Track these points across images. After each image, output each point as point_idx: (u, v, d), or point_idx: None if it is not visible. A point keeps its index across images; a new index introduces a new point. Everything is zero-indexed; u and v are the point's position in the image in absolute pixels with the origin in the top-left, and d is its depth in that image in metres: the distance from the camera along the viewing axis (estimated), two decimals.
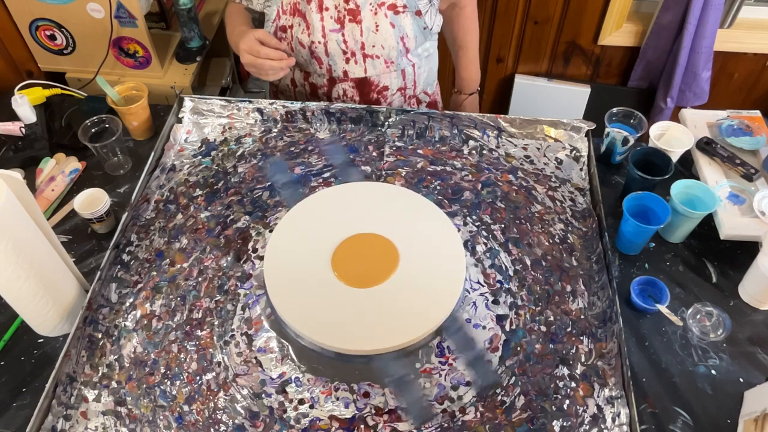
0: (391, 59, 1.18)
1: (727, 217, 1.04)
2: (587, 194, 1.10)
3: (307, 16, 1.13)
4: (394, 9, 1.13)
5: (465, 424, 0.83)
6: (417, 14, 1.15)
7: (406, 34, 1.16)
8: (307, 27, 1.13)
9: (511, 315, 0.94)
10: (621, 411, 0.83)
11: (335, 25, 1.13)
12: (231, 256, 1.00)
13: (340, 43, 1.14)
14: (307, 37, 1.14)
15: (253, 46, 1.07)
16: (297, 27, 1.15)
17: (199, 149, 1.18)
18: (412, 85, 1.27)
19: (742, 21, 1.85)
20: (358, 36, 1.14)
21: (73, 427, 0.83)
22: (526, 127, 1.18)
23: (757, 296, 0.98)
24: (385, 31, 1.14)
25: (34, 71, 1.53)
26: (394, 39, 1.15)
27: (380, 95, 1.25)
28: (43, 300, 0.88)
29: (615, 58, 2.00)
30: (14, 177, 0.81)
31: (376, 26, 1.13)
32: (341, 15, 1.12)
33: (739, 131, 1.16)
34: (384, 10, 1.12)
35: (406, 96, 1.29)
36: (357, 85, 1.22)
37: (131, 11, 1.35)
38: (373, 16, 1.12)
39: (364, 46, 1.15)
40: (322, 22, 1.12)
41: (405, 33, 1.16)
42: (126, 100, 1.21)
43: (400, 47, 1.17)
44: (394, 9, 1.13)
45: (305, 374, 0.87)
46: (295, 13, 1.14)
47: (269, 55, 1.07)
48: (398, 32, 1.15)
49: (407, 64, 1.22)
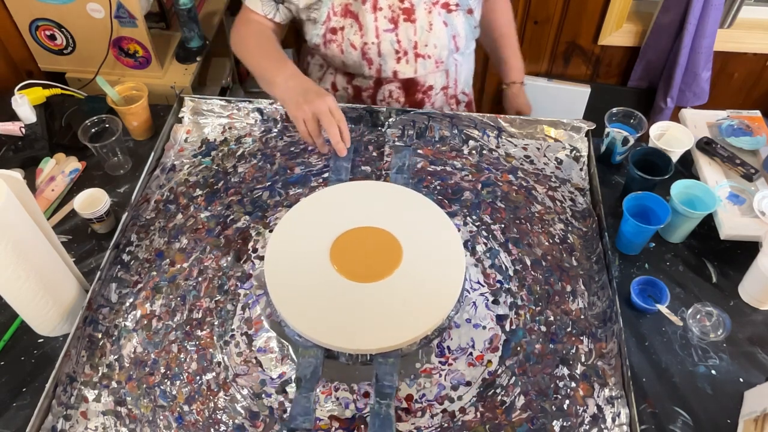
0: (442, 59, 1.18)
1: (727, 217, 1.04)
2: (587, 194, 1.10)
3: (360, 17, 1.11)
4: (447, 7, 1.12)
5: (465, 424, 0.83)
6: (468, 12, 1.15)
7: (458, 33, 1.15)
8: (359, 28, 1.11)
9: (511, 315, 0.94)
10: (621, 411, 0.83)
11: (389, 25, 1.11)
12: (231, 256, 1.00)
13: (393, 43, 1.13)
14: (359, 38, 1.12)
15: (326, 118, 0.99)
16: (349, 29, 1.12)
17: (199, 149, 1.18)
18: (454, 84, 1.27)
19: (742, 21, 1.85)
20: (412, 35, 1.12)
21: (73, 427, 0.83)
22: (526, 127, 1.18)
23: (757, 296, 0.98)
24: (438, 30, 1.13)
25: (34, 71, 1.53)
26: (446, 38, 1.14)
27: (425, 95, 1.24)
28: (43, 300, 0.88)
29: (615, 58, 2.01)
30: (14, 177, 0.81)
31: (429, 25, 1.12)
32: (395, 14, 1.10)
33: (739, 131, 1.16)
34: (438, 9, 1.11)
35: (448, 95, 1.28)
36: (404, 85, 1.21)
37: (131, 11, 1.35)
38: (427, 14, 1.11)
39: (417, 46, 1.14)
40: (375, 23, 1.11)
41: (457, 32, 1.15)
42: (126, 100, 1.21)
43: (451, 46, 1.16)
44: (447, 7, 1.12)
45: None
46: (347, 14, 1.11)
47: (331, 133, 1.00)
48: (450, 31, 1.14)
49: (452, 63, 1.21)
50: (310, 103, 0.99)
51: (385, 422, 0.78)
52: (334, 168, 1.05)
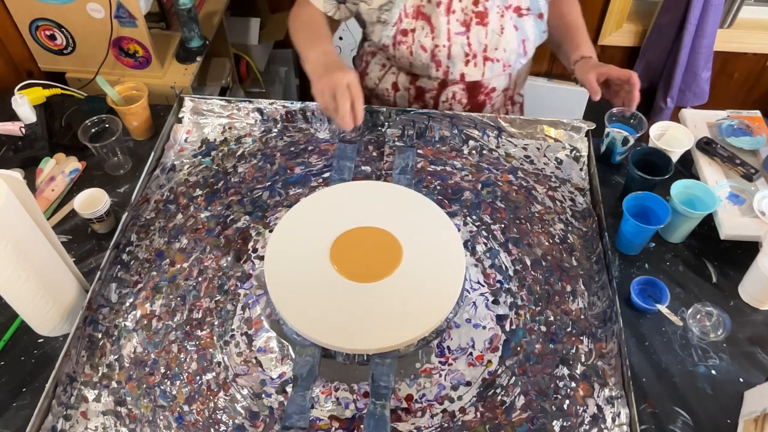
0: (510, 62, 1.16)
1: (727, 217, 1.04)
2: (587, 194, 1.10)
3: (432, 19, 1.09)
4: (519, 12, 1.11)
5: (465, 424, 0.83)
6: (539, 17, 1.13)
7: (527, 37, 1.14)
8: (431, 30, 1.10)
9: (511, 315, 0.94)
10: (621, 411, 0.83)
11: (461, 28, 1.10)
12: (231, 256, 1.00)
13: (464, 46, 1.12)
14: (430, 40, 1.11)
15: (340, 90, 0.96)
16: (420, 30, 1.11)
17: (199, 149, 1.18)
18: (513, 85, 1.26)
19: (742, 21, 1.85)
20: (483, 38, 1.11)
21: (73, 427, 0.83)
22: (526, 127, 1.19)
23: (757, 296, 0.98)
24: (509, 34, 1.11)
25: (34, 71, 1.53)
26: (516, 42, 1.13)
27: (487, 97, 1.23)
28: (43, 300, 0.88)
29: (615, 58, 2.00)
30: (14, 177, 0.81)
31: (501, 29, 1.11)
32: (468, 18, 1.09)
33: (739, 131, 1.16)
34: (510, 13, 1.10)
35: (506, 96, 1.27)
36: (468, 87, 1.20)
37: (131, 11, 1.35)
38: (499, 18, 1.10)
39: (486, 49, 1.13)
40: (448, 26, 1.09)
41: (526, 36, 1.13)
42: (126, 100, 1.21)
43: (519, 50, 1.15)
44: (519, 12, 1.11)
45: None
46: (419, 16, 1.10)
47: (347, 107, 0.97)
48: (520, 35, 1.13)
49: (518, 66, 1.20)
50: (330, 75, 0.98)
51: (380, 423, 0.78)
52: (336, 167, 1.05)
